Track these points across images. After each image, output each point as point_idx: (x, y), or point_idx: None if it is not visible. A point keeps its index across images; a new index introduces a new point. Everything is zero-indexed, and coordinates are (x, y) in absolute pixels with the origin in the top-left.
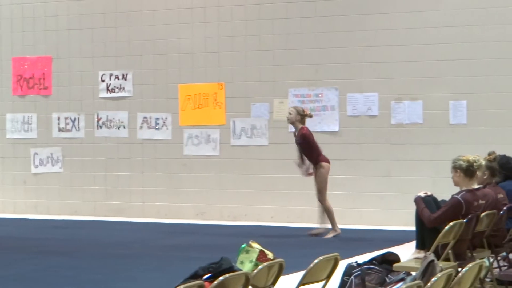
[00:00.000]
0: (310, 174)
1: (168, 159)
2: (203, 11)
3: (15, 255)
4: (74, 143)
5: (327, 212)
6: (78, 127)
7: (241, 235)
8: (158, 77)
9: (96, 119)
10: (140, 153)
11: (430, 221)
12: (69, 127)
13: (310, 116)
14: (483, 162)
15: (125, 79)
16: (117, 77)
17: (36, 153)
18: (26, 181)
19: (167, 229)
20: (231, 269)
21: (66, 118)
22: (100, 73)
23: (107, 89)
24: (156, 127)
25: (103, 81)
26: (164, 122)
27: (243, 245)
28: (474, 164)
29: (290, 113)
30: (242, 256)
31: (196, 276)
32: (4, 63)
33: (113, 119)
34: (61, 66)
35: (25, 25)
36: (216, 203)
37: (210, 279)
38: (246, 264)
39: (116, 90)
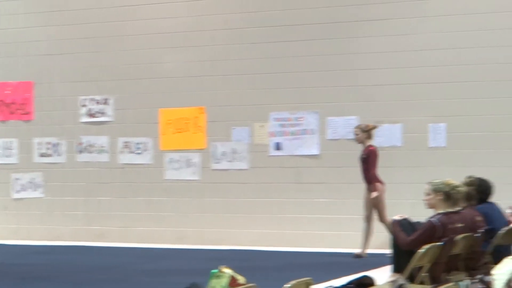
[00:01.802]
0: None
1: (149, 184)
2: (185, 36)
3: (6, 281)
4: (55, 168)
5: (368, 232)
6: (59, 152)
7: (221, 259)
8: (139, 102)
9: (78, 144)
10: (121, 177)
11: (406, 244)
12: (50, 152)
13: (375, 127)
14: (463, 188)
15: (107, 104)
16: (98, 102)
17: (17, 178)
18: (7, 206)
19: (148, 254)
20: None
21: (47, 143)
22: (81, 97)
23: (89, 114)
24: (137, 152)
25: (84, 106)
26: (145, 147)
27: (214, 270)
28: (455, 189)
29: (356, 134)
30: (213, 281)
31: None
32: None
33: (95, 143)
34: (42, 91)
35: (6, 50)
36: (197, 227)
37: None
38: None
39: (97, 114)
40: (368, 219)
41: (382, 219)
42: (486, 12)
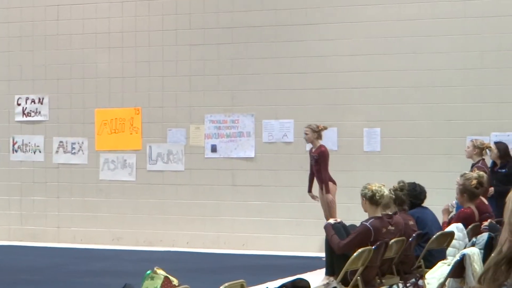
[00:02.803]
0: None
1: (84, 184)
2: (121, 36)
3: None
4: None
5: None
6: None
7: (156, 261)
8: (74, 101)
9: (12, 143)
10: (56, 177)
11: (340, 247)
12: None
13: (325, 128)
14: (386, 192)
15: (41, 103)
16: (33, 101)
17: None
18: None
19: (83, 255)
20: None
21: None
22: (16, 96)
23: (23, 113)
24: (72, 152)
25: (19, 104)
26: (80, 147)
27: (148, 272)
28: (377, 194)
29: (306, 133)
30: (147, 283)
31: None
32: None
33: (29, 143)
34: None
35: None
36: (132, 228)
37: None
38: None
39: (32, 114)
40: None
41: (331, 216)
42: (418, 18)
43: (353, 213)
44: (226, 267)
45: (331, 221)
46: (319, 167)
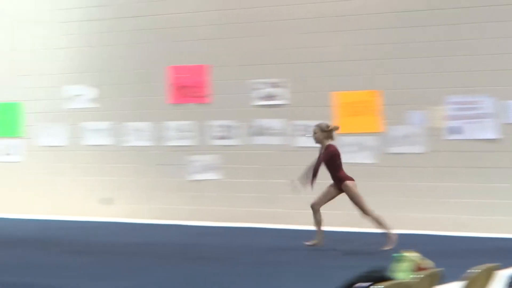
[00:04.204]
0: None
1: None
2: (362, 18)
3: (172, 261)
4: (231, 151)
5: (378, 222)
6: (235, 135)
7: (397, 243)
8: (312, 85)
9: (252, 127)
10: (295, 160)
11: None
12: (225, 134)
13: (336, 129)
14: None
15: (280, 87)
16: (271, 85)
17: (192, 160)
18: (182, 188)
19: (327, 237)
20: (386, 278)
21: (222, 126)
22: (253, 81)
23: (262, 97)
24: (309, 135)
25: (258, 89)
26: None
27: (398, 254)
28: None
29: (315, 132)
30: (397, 265)
31: (350, 284)
32: (160, 72)
33: (268, 127)
34: (218, 74)
35: (180, 34)
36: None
37: None
38: (402, 273)
39: (271, 98)
40: (366, 212)
41: (365, 212)
42: None
43: None
44: (469, 251)
45: None
46: (329, 167)
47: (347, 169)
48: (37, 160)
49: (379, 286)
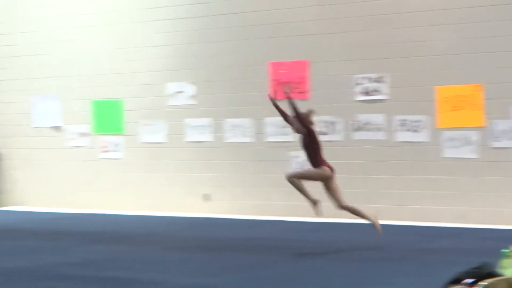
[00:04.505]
0: None
1: (425, 162)
2: (456, 13)
3: (279, 256)
4: (332, 146)
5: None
6: (336, 130)
7: (503, 239)
8: (414, 79)
9: (353, 122)
10: (397, 155)
11: None
12: (325, 130)
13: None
14: None
15: (382, 82)
16: (373, 80)
17: (294, 156)
18: (282, 183)
19: (424, 232)
20: (493, 274)
21: (323, 122)
22: (355, 76)
23: (363, 92)
24: (413, 130)
25: (359, 84)
26: (421, 125)
27: (506, 250)
28: None
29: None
30: (505, 261)
31: (457, 280)
32: (260, 68)
33: (370, 122)
34: (317, 70)
35: (279, 30)
36: (476, 206)
37: (472, 284)
38: (509, 269)
39: (373, 93)
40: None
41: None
42: None
43: None
44: None
45: None
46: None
47: (450, 164)
48: (137, 157)
49: (485, 282)
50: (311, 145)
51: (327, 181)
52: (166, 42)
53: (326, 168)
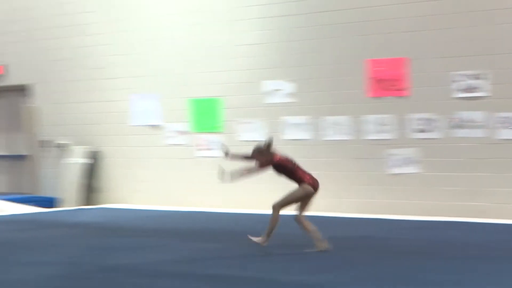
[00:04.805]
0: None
1: None
2: None
3: (374, 255)
4: (431, 144)
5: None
6: (435, 128)
7: None
8: None
9: (452, 120)
10: (500, 153)
11: None
12: (425, 127)
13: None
14: None
15: (481, 79)
16: (472, 77)
17: (392, 154)
18: (381, 181)
19: None
20: None
21: (422, 119)
22: (454, 73)
23: (462, 89)
24: None
25: (456, 81)
26: None
27: None
28: None
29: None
30: None
31: None
32: (358, 65)
33: (469, 119)
34: (417, 67)
35: (378, 27)
36: None
37: None
38: None
39: (472, 90)
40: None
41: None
42: None
43: None
44: None
45: None
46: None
47: None
48: None
49: None
50: (284, 170)
51: (309, 198)
52: (263, 40)
53: (306, 186)
